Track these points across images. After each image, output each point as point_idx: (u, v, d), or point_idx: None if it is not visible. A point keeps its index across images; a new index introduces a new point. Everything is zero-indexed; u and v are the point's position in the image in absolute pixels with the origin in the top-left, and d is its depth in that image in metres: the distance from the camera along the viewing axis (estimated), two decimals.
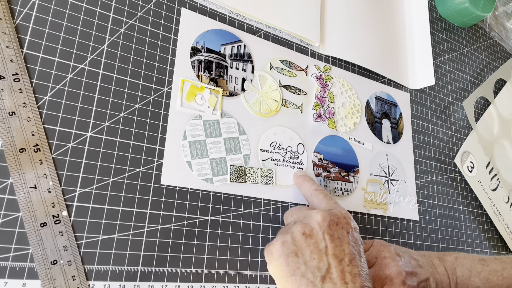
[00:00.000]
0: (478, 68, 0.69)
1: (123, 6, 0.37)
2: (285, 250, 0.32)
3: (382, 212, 0.47)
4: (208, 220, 0.36)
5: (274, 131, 0.42)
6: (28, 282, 0.28)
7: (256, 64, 0.43)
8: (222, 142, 0.39)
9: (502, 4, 0.73)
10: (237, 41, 0.43)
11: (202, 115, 0.38)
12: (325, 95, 0.47)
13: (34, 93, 0.31)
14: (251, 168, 0.39)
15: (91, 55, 0.35)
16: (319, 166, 0.44)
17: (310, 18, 0.48)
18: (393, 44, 0.56)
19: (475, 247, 0.56)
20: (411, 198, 0.50)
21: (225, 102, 0.40)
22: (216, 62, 0.41)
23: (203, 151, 0.37)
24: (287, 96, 0.45)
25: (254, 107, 0.42)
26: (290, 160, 0.42)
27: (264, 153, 0.41)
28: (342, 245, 0.32)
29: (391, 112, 0.53)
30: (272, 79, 0.44)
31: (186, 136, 0.37)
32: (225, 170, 0.38)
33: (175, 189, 0.35)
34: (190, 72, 0.39)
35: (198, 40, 0.40)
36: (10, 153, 0.30)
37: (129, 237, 0.33)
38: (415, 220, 0.50)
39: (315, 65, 0.48)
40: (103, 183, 0.33)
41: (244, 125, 0.41)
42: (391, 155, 0.51)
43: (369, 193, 0.47)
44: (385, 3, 0.57)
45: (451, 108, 0.61)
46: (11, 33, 0.31)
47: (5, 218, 0.29)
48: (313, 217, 0.33)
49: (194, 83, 0.39)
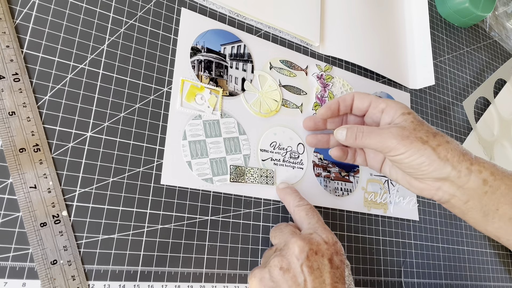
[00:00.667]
0: (478, 68, 0.69)
1: (123, 6, 0.37)
2: (262, 287, 0.31)
3: (382, 212, 0.47)
4: (208, 220, 0.36)
5: (274, 131, 0.42)
6: (28, 282, 0.28)
7: (256, 64, 0.43)
8: (222, 142, 0.39)
9: (502, 4, 0.73)
10: (237, 41, 0.43)
11: (202, 115, 0.38)
12: (325, 95, 0.47)
13: (34, 93, 0.31)
14: (251, 168, 0.39)
15: (91, 55, 0.35)
16: (319, 166, 0.44)
17: (310, 18, 0.48)
18: (393, 44, 0.56)
19: (476, 247, 0.56)
20: (411, 198, 0.50)
21: (225, 102, 0.40)
22: (216, 62, 0.41)
23: (203, 151, 0.37)
24: (287, 96, 0.45)
25: (254, 107, 0.42)
26: (290, 160, 0.42)
27: (264, 153, 0.41)
28: (323, 276, 0.31)
29: None
30: (272, 79, 0.44)
31: (186, 136, 0.37)
32: (225, 170, 0.38)
33: (175, 189, 0.35)
34: (190, 72, 0.39)
35: (198, 40, 0.40)
36: (10, 153, 0.30)
37: (129, 237, 0.33)
38: (415, 220, 0.50)
39: (316, 64, 0.48)
40: (103, 183, 0.33)
41: (244, 125, 0.41)
42: None
43: (369, 193, 0.47)
44: (385, 3, 0.57)
45: (451, 108, 0.61)
46: (11, 33, 0.31)
47: (5, 218, 0.29)
48: (291, 249, 0.32)
49: (194, 83, 0.39)
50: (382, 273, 0.45)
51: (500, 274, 0.57)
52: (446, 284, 0.51)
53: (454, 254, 0.53)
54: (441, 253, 0.52)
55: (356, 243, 0.45)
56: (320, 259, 0.32)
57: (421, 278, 0.49)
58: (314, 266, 0.31)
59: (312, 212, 0.36)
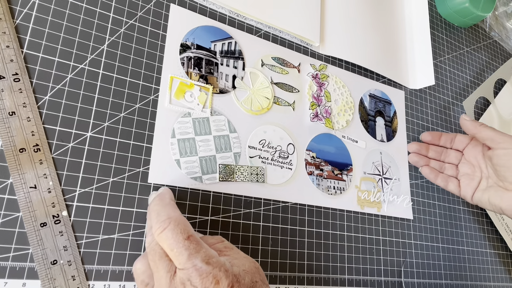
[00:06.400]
0: (478, 68, 0.69)
1: (123, 6, 0.37)
2: None
3: (376, 210, 0.47)
4: (208, 220, 0.36)
5: (265, 129, 0.42)
6: (28, 282, 0.28)
7: (247, 61, 0.43)
8: (212, 140, 0.38)
9: (502, 4, 0.73)
10: (227, 37, 0.42)
11: (191, 112, 0.38)
12: (321, 94, 0.47)
13: (34, 93, 0.31)
14: (240, 166, 0.39)
15: (91, 55, 0.35)
16: (312, 164, 0.44)
17: (310, 18, 0.48)
18: (393, 44, 0.56)
19: (476, 247, 0.56)
20: (405, 197, 0.50)
21: (215, 99, 0.40)
22: (206, 59, 0.40)
23: (192, 149, 0.37)
24: (279, 94, 0.44)
25: (245, 104, 0.41)
26: (279, 159, 0.42)
27: (253, 150, 0.40)
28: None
29: (385, 110, 0.53)
30: (263, 76, 0.43)
31: (175, 134, 0.36)
32: (214, 168, 0.37)
33: (175, 189, 0.35)
34: (179, 69, 0.38)
35: (187, 36, 0.40)
36: (10, 153, 0.30)
37: (129, 237, 0.33)
38: (409, 219, 0.50)
39: (310, 64, 0.47)
40: (103, 183, 0.33)
41: (235, 122, 0.40)
42: (385, 153, 0.51)
43: (362, 192, 0.47)
44: (385, 3, 0.57)
45: (451, 108, 0.61)
46: (11, 33, 0.31)
47: (5, 218, 0.29)
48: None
49: (183, 80, 0.38)
50: (382, 273, 0.45)
51: (500, 274, 0.57)
52: (446, 284, 0.51)
53: (454, 254, 0.53)
54: (441, 253, 0.52)
55: (349, 242, 0.45)
56: None
57: (421, 278, 0.49)
58: None
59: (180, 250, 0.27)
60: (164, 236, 0.26)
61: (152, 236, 0.28)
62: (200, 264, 0.25)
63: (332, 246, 0.43)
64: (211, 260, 0.26)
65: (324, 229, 0.43)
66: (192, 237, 0.27)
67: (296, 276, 0.40)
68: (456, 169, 0.50)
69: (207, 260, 0.26)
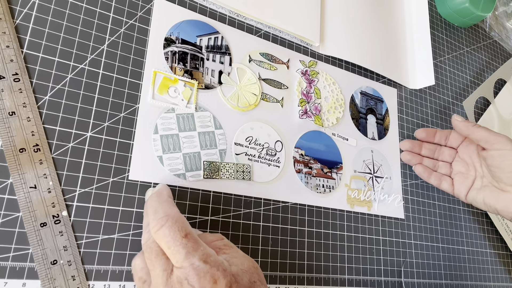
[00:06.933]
0: (478, 68, 0.69)
1: (123, 6, 0.37)
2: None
3: (366, 209, 0.46)
4: (208, 220, 0.36)
5: (252, 125, 0.41)
6: (28, 282, 0.28)
7: (235, 56, 0.42)
8: (197, 137, 0.37)
9: (502, 4, 0.73)
10: (214, 32, 0.41)
11: (175, 108, 0.37)
12: (311, 91, 0.46)
13: (34, 93, 0.31)
14: (226, 163, 0.38)
15: (91, 55, 0.35)
16: (300, 162, 0.43)
17: (310, 18, 0.48)
18: (393, 44, 0.56)
19: (476, 247, 0.56)
20: (396, 196, 0.50)
21: (201, 95, 0.39)
22: (192, 54, 0.39)
23: (176, 145, 0.36)
24: (267, 90, 0.43)
25: (232, 100, 0.40)
26: (266, 156, 0.41)
27: (239, 147, 0.40)
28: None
29: (376, 108, 0.52)
30: (251, 72, 0.43)
31: (158, 130, 0.36)
32: (199, 165, 0.37)
33: (175, 189, 0.35)
34: (163, 63, 0.37)
35: (172, 30, 0.39)
36: (10, 153, 0.30)
37: (129, 237, 0.33)
38: (401, 218, 0.50)
39: (300, 60, 0.47)
40: (103, 183, 0.33)
41: (221, 119, 0.39)
42: (376, 151, 0.50)
43: (352, 190, 0.46)
44: (385, 3, 0.57)
45: (451, 108, 0.61)
46: (11, 33, 0.31)
47: (5, 218, 0.29)
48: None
49: (167, 75, 0.37)
50: (382, 273, 0.45)
51: (500, 274, 0.57)
52: (446, 284, 0.51)
53: (454, 254, 0.53)
54: (441, 253, 0.52)
55: (349, 242, 0.45)
56: None
57: (421, 278, 0.49)
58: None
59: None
60: (161, 233, 0.26)
61: (149, 233, 0.27)
62: (197, 263, 0.25)
63: (332, 246, 0.43)
64: (209, 259, 0.26)
65: (324, 229, 0.43)
66: (190, 235, 0.26)
67: (296, 276, 0.40)
68: (449, 167, 0.50)
69: (205, 259, 0.25)
